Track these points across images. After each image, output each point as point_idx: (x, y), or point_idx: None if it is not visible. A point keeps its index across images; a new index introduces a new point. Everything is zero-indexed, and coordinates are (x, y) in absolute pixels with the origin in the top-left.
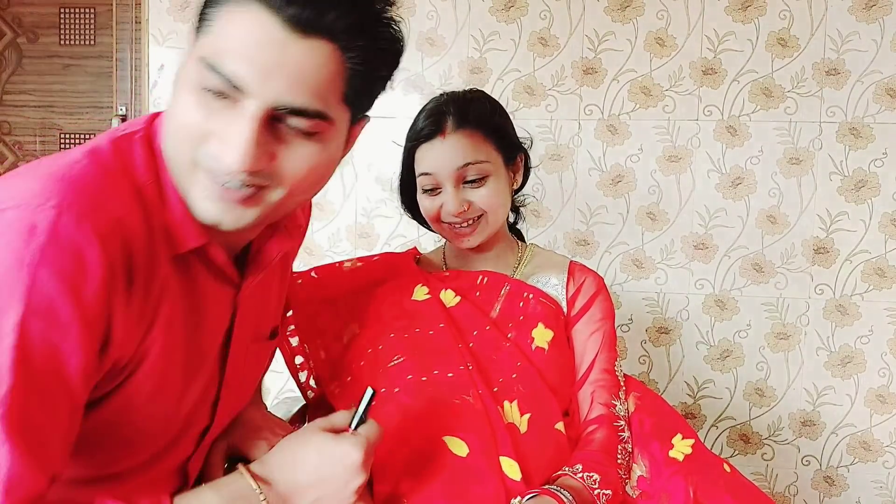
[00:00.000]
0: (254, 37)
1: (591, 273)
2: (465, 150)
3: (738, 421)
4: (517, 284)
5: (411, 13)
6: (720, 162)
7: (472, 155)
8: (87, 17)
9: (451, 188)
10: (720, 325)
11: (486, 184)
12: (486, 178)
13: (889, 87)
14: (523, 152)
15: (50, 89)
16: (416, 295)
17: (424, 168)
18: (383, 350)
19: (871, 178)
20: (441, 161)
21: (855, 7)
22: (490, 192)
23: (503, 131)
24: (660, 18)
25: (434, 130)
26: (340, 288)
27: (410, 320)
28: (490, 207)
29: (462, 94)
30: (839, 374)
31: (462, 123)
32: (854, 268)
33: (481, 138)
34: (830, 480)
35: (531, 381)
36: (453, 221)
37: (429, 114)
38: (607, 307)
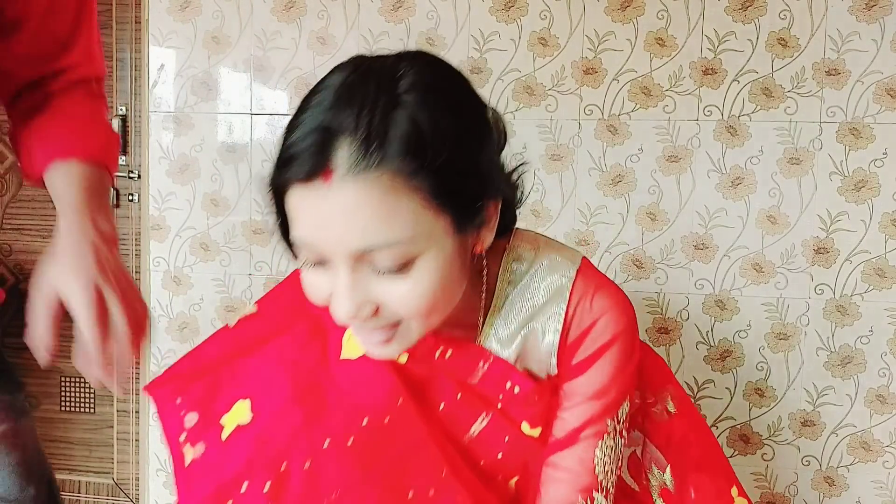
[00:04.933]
0: None
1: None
2: (371, 219)
3: (738, 421)
4: (498, 367)
5: (411, 13)
6: (720, 162)
7: (384, 231)
8: None
9: (346, 273)
10: (720, 325)
11: (411, 272)
12: (410, 263)
13: (889, 87)
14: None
15: None
16: (346, 351)
17: (299, 231)
18: (310, 472)
19: (871, 178)
20: (326, 229)
21: (855, 7)
22: (416, 287)
23: (456, 168)
24: (660, 18)
25: (314, 166)
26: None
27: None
28: (416, 312)
29: (382, 77)
30: (839, 374)
31: (368, 159)
32: (854, 268)
33: (406, 194)
34: (830, 480)
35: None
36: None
37: (310, 128)
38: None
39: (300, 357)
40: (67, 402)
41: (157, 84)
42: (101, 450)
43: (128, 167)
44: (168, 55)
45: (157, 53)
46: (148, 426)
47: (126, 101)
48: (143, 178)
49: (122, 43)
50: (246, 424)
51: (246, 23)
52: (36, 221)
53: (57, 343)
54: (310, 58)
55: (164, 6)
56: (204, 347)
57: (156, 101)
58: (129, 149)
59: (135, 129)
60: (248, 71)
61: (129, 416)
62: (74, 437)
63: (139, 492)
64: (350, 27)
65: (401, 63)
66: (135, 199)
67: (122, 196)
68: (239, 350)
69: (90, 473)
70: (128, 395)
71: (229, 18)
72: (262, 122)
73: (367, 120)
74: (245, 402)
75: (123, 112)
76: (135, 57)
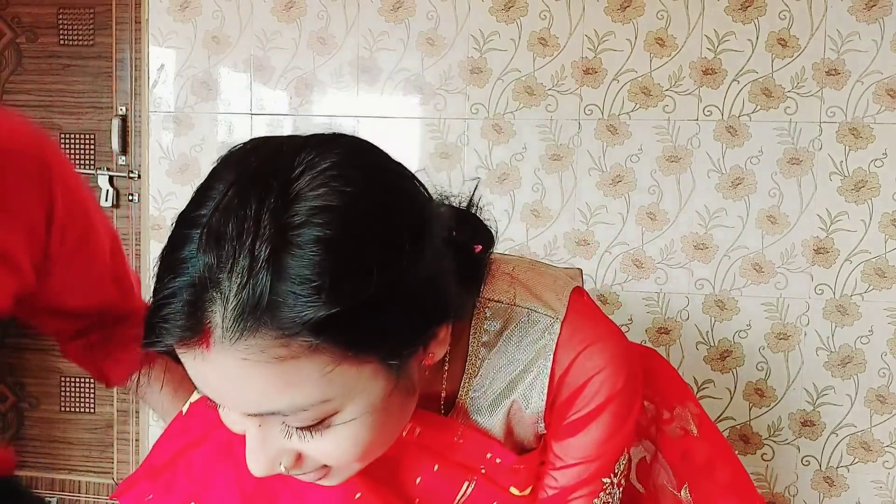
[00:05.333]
0: None
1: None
2: (261, 389)
3: (738, 421)
4: (474, 440)
5: (411, 13)
6: (720, 162)
7: (281, 398)
8: (86, 17)
9: (254, 431)
10: (720, 325)
11: (331, 429)
12: (328, 419)
13: (889, 87)
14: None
15: (49, 89)
16: None
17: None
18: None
19: (871, 179)
20: (214, 393)
21: (855, 7)
22: (342, 442)
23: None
24: (660, 18)
25: (185, 331)
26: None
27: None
28: (344, 463)
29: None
30: (839, 374)
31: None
32: (854, 268)
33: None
34: (830, 481)
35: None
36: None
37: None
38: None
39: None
40: (67, 402)
41: (157, 84)
42: (100, 450)
43: (128, 167)
44: (168, 55)
45: (157, 53)
46: (148, 426)
47: (126, 101)
48: (143, 178)
49: (122, 43)
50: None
51: (246, 23)
52: None
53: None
54: (310, 58)
55: (164, 6)
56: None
57: (156, 101)
58: (129, 149)
59: (135, 129)
60: (248, 71)
61: (129, 416)
62: (74, 437)
63: None
64: (350, 27)
65: (299, 163)
66: (135, 199)
67: (122, 196)
68: (190, 440)
69: (90, 473)
70: (128, 396)
71: (229, 18)
72: (262, 122)
73: (245, 269)
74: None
75: (123, 112)
76: (135, 57)
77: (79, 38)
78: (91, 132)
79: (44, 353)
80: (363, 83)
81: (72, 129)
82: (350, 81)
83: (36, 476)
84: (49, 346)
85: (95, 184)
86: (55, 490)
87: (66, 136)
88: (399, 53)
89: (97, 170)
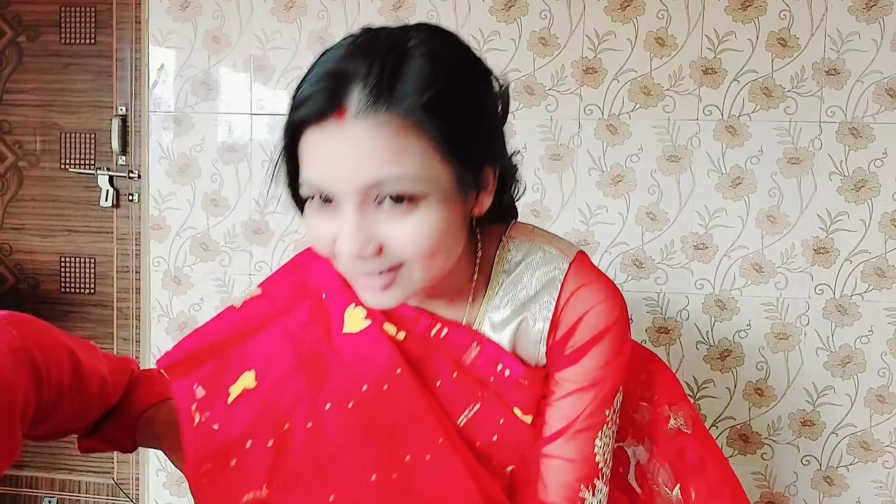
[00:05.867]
0: None
1: (602, 297)
2: (383, 155)
3: (738, 421)
4: (489, 350)
5: (411, 13)
6: (720, 162)
7: (394, 166)
8: (87, 16)
9: (353, 212)
10: (720, 325)
11: (414, 214)
12: (416, 202)
13: (889, 87)
14: (499, 163)
15: (50, 88)
16: (349, 325)
17: (310, 173)
18: (313, 431)
19: (871, 178)
20: (338, 166)
21: (855, 7)
22: (416, 230)
23: (461, 121)
24: (660, 18)
25: (327, 106)
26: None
27: (351, 372)
28: (417, 254)
29: (393, 35)
30: (839, 374)
31: (380, 98)
32: (854, 268)
33: (416, 133)
34: (830, 480)
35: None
36: (355, 267)
37: (322, 73)
38: (611, 355)
39: (303, 333)
40: None
41: (157, 84)
42: None
43: (128, 167)
44: (168, 55)
45: (157, 53)
46: None
47: (126, 100)
48: (143, 178)
49: (122, 43)
50: (251, 389)
51: (246, 23)
52: (36, 221)
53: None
54: (310, 58)
55: (164, 6)
56: (212, 326)
57: (156, 101)
58: (129, 149)
59: (135, 129)
60: (248, 71)
61: None
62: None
63: (139, 492)
64: (350, 27)
65: (410, 29)
66: (135, 199)
67: (122, 196)
68: (245, 330)
69: (90, 473)
70: None
71: (229, 18)
72: (262, 122)
73: (378, 67)
74: (250, 372)
75: (123, 112)
76: (135, 57)
77: (79, 37)
78: (91, 132)
79: None
80: None
81: (72, 129)
82: None
83: (36, 476)
84: None
85: (95, 183)
86: (55, 490)
87: (66, 136)
88: None
89: (97, 170)
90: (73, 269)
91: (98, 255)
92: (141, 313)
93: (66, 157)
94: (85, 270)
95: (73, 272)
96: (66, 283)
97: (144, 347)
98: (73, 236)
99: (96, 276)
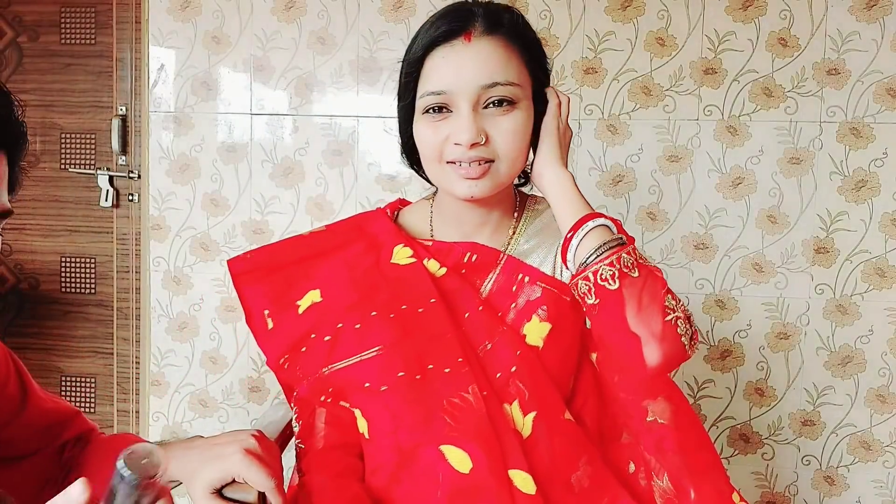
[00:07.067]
0: None
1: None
2: (497, 64)
3: (738, 421)
4: (511, 263)
5: (411, 13)
6: (720, 162)
7: (503, 72)
8: (87, 17)
9: (468, 110)
10: (721, 326)
11: (512, 113)
12: (514, 105)
13: (889, 87)
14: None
15: (50, 88)
16: (396, 257)
17: (435, 83)
18: (362, 331)
19: (871, 178)
20: (461, 72)
21: (855, 7)
22: (514, 126)
23: (539, 51)
24: (660, 18)
25: (456, 29)
26: (296, 252)
27: (394, 292)
28: (509, 150)
29: (489, 1)
30: (839, 373)
31: (494, 28)
32: (854, 268)
33: (516, 53)
34: (830, 480)
35: (532, 373)
36: (460, 157)
37: (447, 12)
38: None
39: (358, 261)
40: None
41: (157, 84)
42: None
43: (128, 167)
44: (168, 55)
45: (157, 53)
46: (148, 426)
47: (126, 100)
48: (143, 178)
49: (122, 43)
50: (318, 302)
51: (246, 23)
52: (36, 221)
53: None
54: (310, 58)
55: (164, 6)
56: (278, 246)
57: (156, 101)
58: (129, 149)
59: (135, 129)
60: (248, 71)
61: (129, 416)
62: None
63: None
64: (350, 27)
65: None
66: (135, 199)
67: (122, 196)
68: (309, 255)
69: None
70: (128, 395)
71: (229, 18)
72: (262, 122)
73: (492, 10)
74: (316, 290)
75: (123, 112)
76: (135, 57)
77: (79, 38)
78: (91, 132)
79: (44, 353)
80: (363, 83)
81: (72, 129)
82: (350, 81)
83: None
84: (49, 345)
85: (96, 184)
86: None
87: (66, 136)
88: (399, 53)
89: (97, 170)
90: (73, 269)
91: (98, 255)
92: (141, 313)
93: (66, 157)
94: (85, 270)
95: (73, 272)
96: (66, 283)
97: (144, 347)
98: (74, 236)
99: (96, 276)
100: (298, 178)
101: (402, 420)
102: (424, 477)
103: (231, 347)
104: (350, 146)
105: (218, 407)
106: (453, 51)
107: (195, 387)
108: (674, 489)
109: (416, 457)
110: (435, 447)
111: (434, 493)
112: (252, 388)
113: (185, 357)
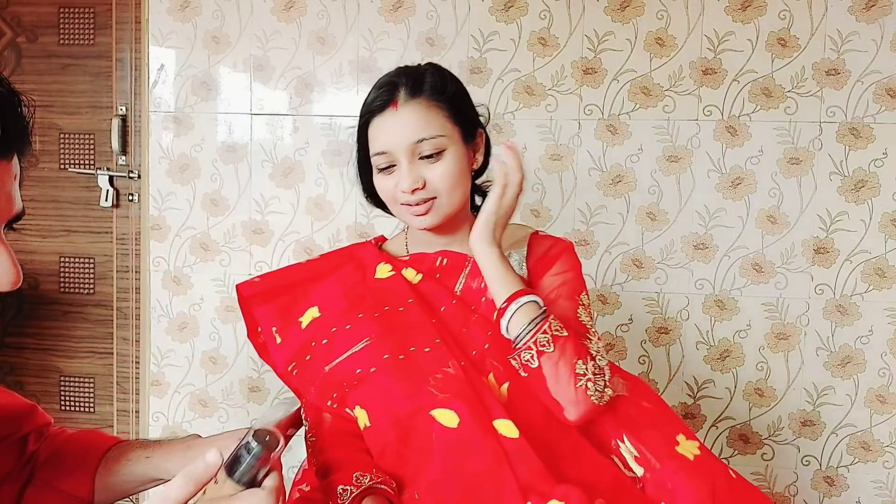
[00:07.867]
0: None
1: (556, 239)
2: (419, 123)
3: (738, 421)
4: (477, 266)
5: (411, 13)
6: (720, 162)
7: (426, 129)
8: (86, 17)
9: (406, 164)
10: (720, 325)
11: (442, 159)
12: (442, 153)
13: (889, 87)
14: (482, 129)
15: (49, 89)
16: (379, 273)
17: (378, 146)
18: (351, 330)
19: (871, 178)
20: (393, 136)
21: (855, 7)
22: (446, 169)
23: (460, 104)
24: (660, 18)
25: (386, 101)
26: (297, 276)
27: (377, 299)
28: (445, 188)
29: (416, 67)
30: (839, 374)
31: (415, 93)
32: (854, 268)
33: (437, 110)
34: (830, 480)
35: (502, 350)
36: (408, 201)
37: (380, 85)
38: (573, 261)
39: (348, 278)
40: (67, 402)
41: (157, 84)
42: None
43: (128, 167)
44: (168, 55)
45: (157, 53)
46: (148, 426)
47: (126, 101)
48: (143, 178)
49: (122, 43)
50: (318, 317)
51: (246, 23)
52: (36, 221)
53: None
54: (310, 58)
55: (164, 6)
56: (283, 272)
57: (156, 101)
58: (129, 149)
59: (135, 129)
60: (248, 71)
61: (129, 416)
62: None
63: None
64: (350, 27)
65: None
66: (135, 199)
67: (122, 196)
68: (309, 277)
69: None
70: (127, 395)
71: (229, 18)
72: (261, 122)
73: (411, 75)
74: (315, 307)
75: (123, 112)
76: (135, 57)
77: (79, 38)
78: (91, 132)
79: (44, 353)
80: (363, 83)
81: (72, 129)
82: (350, 81)
83: None
84: (49, 345)
85: (96, 184)
86: None
87: (65, 136)
88: (399, 53)
89: (97, 170)
90: (72, 269)
91: (98, 256)
92: (141, 313)
93: (66, 157)
94: (84, 270)
95: (72, 272)
96: (65, 283)
97: (144, 347)
98: (73, 236)
99: (96, 276)
100: (298, 178)
101: (393, 393)
102: (423, 444)
103: (231, 347)
104: (350, 146)
105: (218, 407)
106: (385, 119)
107: (195, 387)
108: (635, 450)
109: (412, 428)
110: (426, 414)
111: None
112: (252, 388)
113: (185, 357)
